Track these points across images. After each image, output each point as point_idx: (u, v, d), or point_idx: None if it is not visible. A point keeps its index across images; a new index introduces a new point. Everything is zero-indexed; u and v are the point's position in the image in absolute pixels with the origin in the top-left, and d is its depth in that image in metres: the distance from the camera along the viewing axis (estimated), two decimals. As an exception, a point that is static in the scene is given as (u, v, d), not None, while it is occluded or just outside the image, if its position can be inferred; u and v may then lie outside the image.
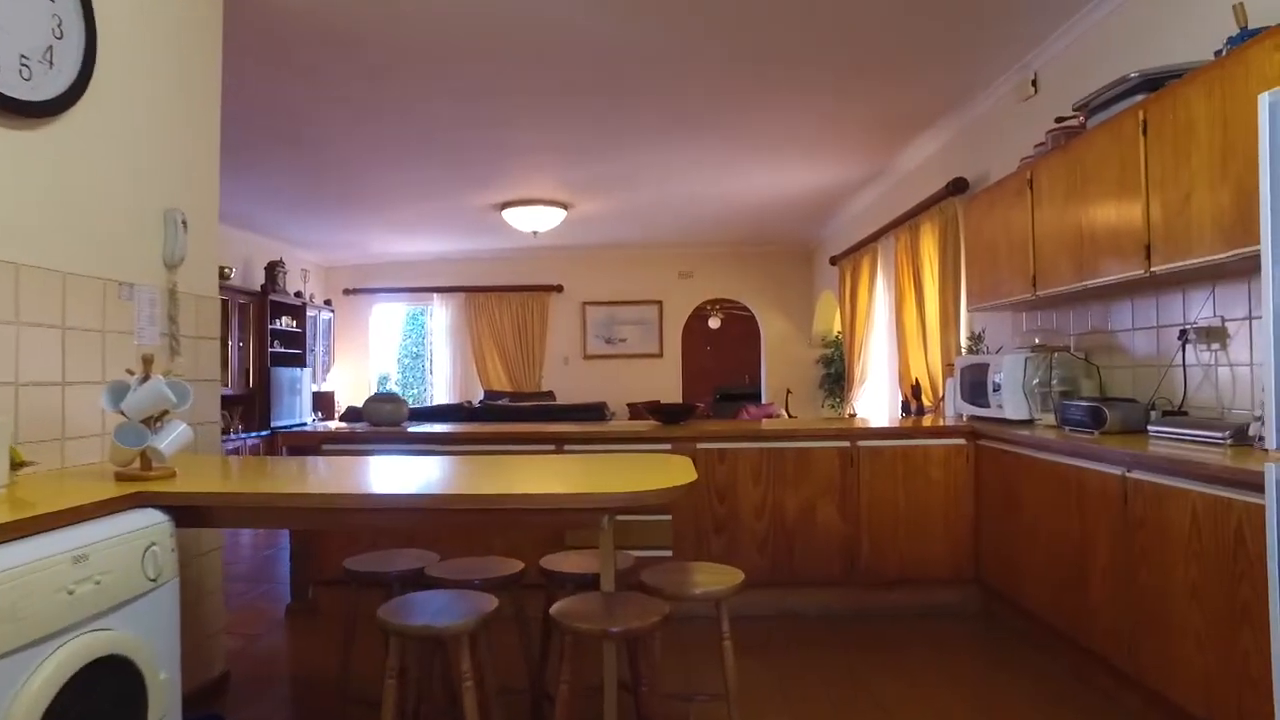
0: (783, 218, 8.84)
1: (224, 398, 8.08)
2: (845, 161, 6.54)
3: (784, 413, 8.31)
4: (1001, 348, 4.68)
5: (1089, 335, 3.92)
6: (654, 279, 10.94)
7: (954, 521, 3.99)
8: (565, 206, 7.85)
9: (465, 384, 11.02)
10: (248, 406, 8.33)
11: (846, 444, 4.00)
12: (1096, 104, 3.31)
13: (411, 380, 14.15)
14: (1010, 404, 3.91)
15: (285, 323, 9.29)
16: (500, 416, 5.58)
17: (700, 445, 4.00)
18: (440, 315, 11.11)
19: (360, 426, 4.43)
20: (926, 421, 4.53)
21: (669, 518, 3.98)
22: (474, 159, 6.36)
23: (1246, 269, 2.75)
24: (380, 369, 12.41)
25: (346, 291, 11.21)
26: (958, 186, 5.17)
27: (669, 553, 3.98)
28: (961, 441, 4.01)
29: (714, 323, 13.47)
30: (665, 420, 4.35)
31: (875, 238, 7.06)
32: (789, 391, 10.29)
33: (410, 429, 4.33)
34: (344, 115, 5.24)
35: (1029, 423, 3.86)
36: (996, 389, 3.97)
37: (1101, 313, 3.81)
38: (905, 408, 5.46)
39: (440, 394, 11.10)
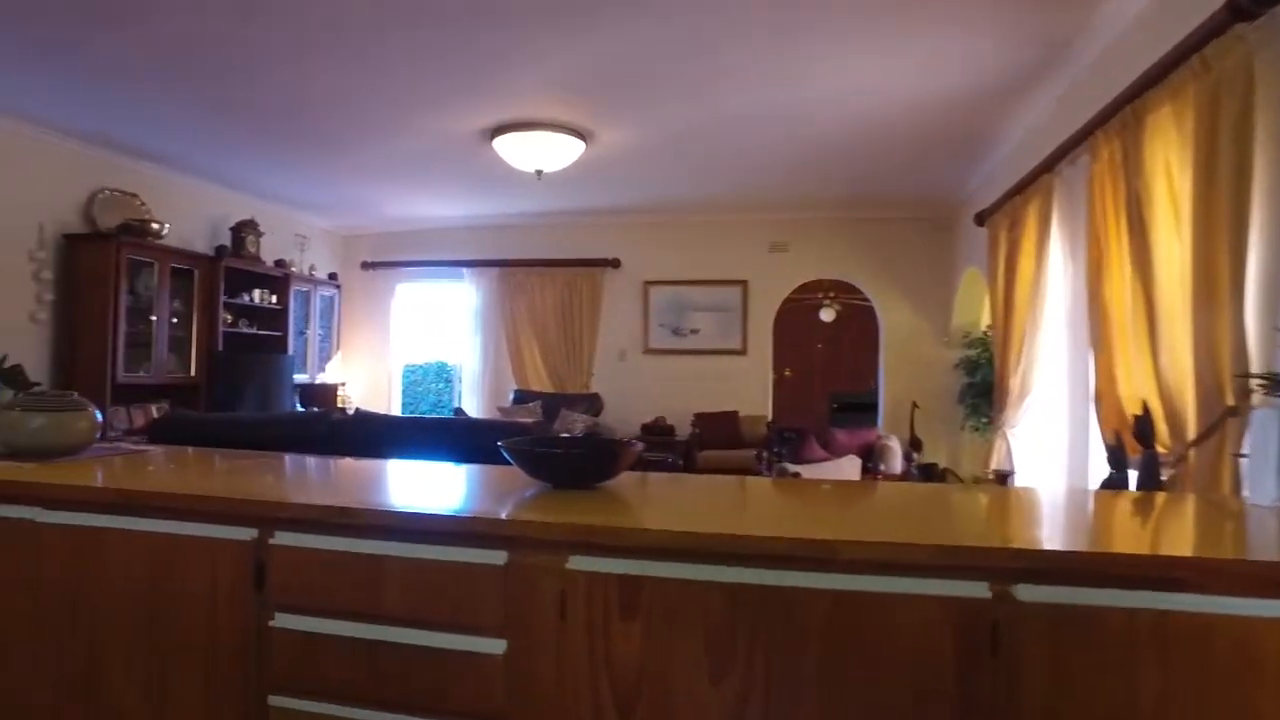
0: (909, 160, 6.12)
1: (147, 387, 6.28)
2: (998, 31, 3.87)
3: (893, 442, 5.57)
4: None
5: None
6: (737, 253, 8.39)
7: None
8: (580, 135, 5.50)
9: (497, 380, 8.86)
10: (185, 398, 6.47)
11: (981, 588, 1.40)
12: None
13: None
14: None
15: (259, 297, 7.43)
16: (371, 439, 3.29)
17: (572, 562, 1.52)
18: (470, 296, 8.99)
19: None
20: (1187, 512, 1.89)
21: (496, 743, 1.56)
22: (428, 54, 4.15)
23: None
24: (404, 360, 10.43)
25: (364, 266, 9.29)
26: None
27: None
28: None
29: (827, 315, 10.74)
30: (555, 480, 1.91)
31: (1050, 165, 4.31)
32: (915, 405, 7.49)
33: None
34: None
35: None
36: None
37: None
38: (1115, 462, 2.68)
39: (467, 393, 9.00)
